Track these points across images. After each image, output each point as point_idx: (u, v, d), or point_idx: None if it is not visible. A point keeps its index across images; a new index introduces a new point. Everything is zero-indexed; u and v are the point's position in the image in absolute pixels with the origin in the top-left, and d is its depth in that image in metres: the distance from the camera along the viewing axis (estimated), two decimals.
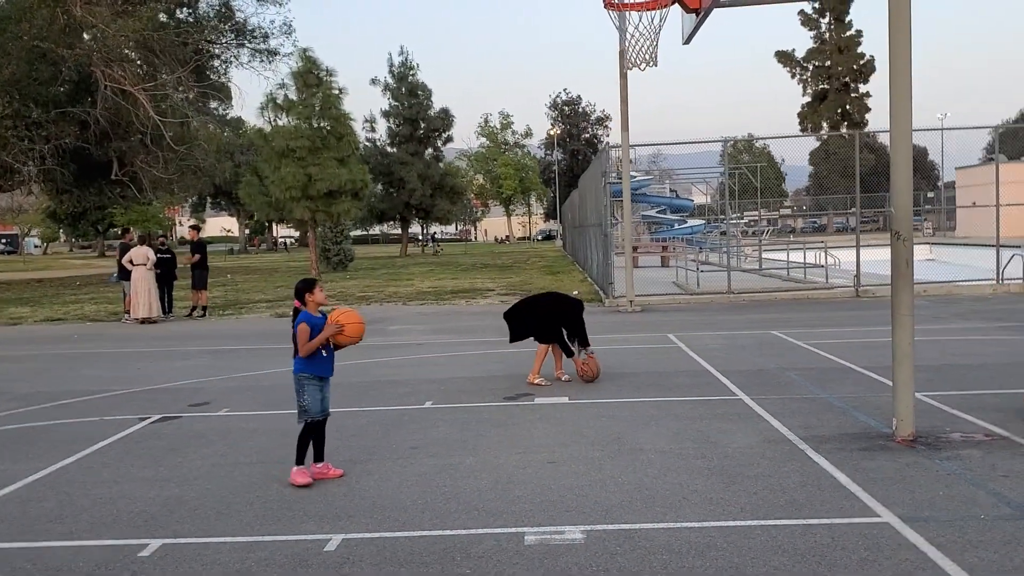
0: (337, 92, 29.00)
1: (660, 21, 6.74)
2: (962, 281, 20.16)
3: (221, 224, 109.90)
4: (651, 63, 6.85)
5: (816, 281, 21.64)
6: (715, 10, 7.39)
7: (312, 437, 6.51)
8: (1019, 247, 30.22)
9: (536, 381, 9.84)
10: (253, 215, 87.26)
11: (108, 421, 8.72)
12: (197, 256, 19.46)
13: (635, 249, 26.01)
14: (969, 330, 13.35)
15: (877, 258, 22.35)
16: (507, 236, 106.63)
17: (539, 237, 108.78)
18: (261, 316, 19.27)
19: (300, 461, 6.40)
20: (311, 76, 28.60)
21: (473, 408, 8.73)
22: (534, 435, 7.54)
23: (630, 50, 6.81)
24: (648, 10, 6.81)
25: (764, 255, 29.95)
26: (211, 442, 7.68)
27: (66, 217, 80.00)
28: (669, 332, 14.08)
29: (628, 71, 6.98)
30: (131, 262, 17.77)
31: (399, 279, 31.30)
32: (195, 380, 11.05)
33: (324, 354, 6.59)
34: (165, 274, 18.70)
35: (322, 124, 28.62)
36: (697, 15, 6.77)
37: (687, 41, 7.39)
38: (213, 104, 44.92)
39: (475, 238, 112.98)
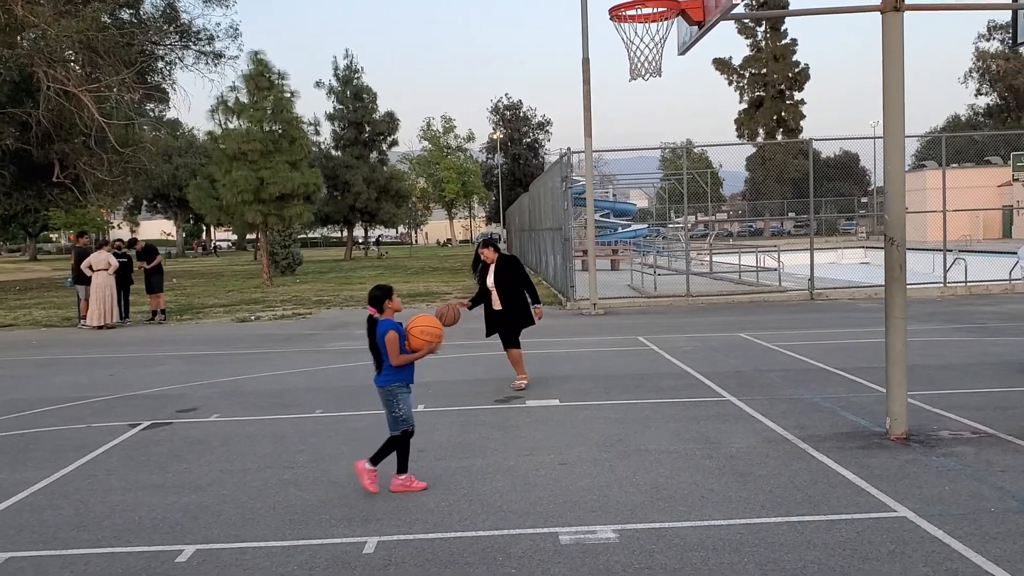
0: (289, 96, 28.78)
1: (664, 33, 6.91)
2: (910, 284, 20.71)
3: (161, 227, 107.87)
4: (655, 74, 7.02)
5: (769, 284, 22.11)
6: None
7: (390, 446, 6.32)
8: (951, 250, 31.26)
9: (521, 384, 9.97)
10: (191, 218, 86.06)
11: (97, 428, 8.62)
12: (147, 263, 19.12)
13: (584, 252, 26.23)
14: (927, 332, 13.81)
15: (821, 261, 22.98)
16: (448, 239, 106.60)
17: (480, 241, 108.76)
18: (221, 321, 19.06)
19: (405, 468, 6.29)
20: (263, 79, 28.34)
21: (468, 411, 8.82)
22: (536, 437, 7.66)
23: (633, 61, 6.96)
24: (651, 22, 6.97)
25: (712, 259, 30.51)
26: (212, 448, 7.65)
27: None
28: (638, 335, 14.31)
29: (631, 81, 7.11)
30: (91, 267, 17.44)
31: (350, 282, 31.16)
32: (175, 386, 10.94)
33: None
34: (122, 278, 18.39)
35: (274, 128, 28.35)
36: (700, 27, 6.95)
37: (682, 52, 7.57)
38: (149, 106, 44.18)
39: (416, 241, 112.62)
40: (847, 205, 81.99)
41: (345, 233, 63.13)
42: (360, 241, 72.75)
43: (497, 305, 9.99)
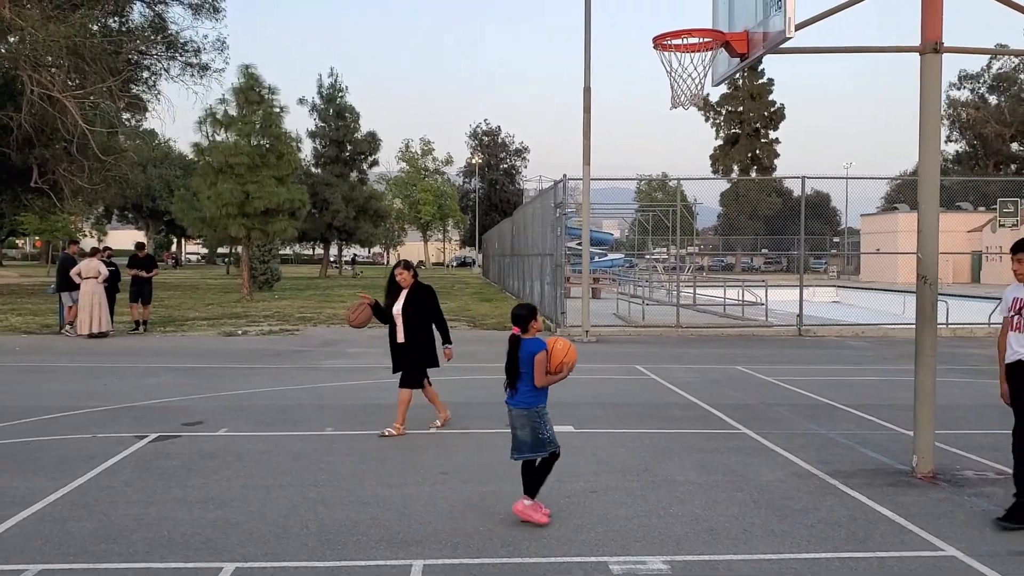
0: (278, 110, 28.62)
1: (707, 63, 6.93)
2: (893, 324, 20.94)
3: (133, 238, 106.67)
4: (696, 102, 7.03)
5: (756, 319, 22.21)
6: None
7: (542, 471, 6.05)
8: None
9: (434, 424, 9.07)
10: (162, 229, 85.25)
11: (104, 439, 8.42)
12: (145, 271, 18.91)
13: (567, 280, 26.21)
14: None
15: (793, 298, 23.13)
16: (421, 261, 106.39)
17: (454, 264, 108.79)
18: (207, 335, 18.79)
19: (534, 494, 5.98)
20: (252, 93, 28.17)
21: (483, 435, 8.71)
22: (560, 464, 7.53)
23: (675, 89, 6.96)
24: (695, 52, 6.99)
25: (686, 290, 30.61)
26: (227, 463, 7.49)
27: None
28: (635, 363, 14.27)
29: (672, 109, 7.11)
30: (79, 275, 17.14)
31: (331, 300, 30.92)
32: (175, 399, 10.73)
33: None
34: (109, 287, 18.09)
35: (262, 142, 28.17)
36: (741, 60, 6.97)
37: (716, 83, 7.60)
38: (126, 115, 43.80)
39: (387, 262, 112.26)
40: (817, 244, 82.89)
41: (320, 251, 62.83)
42: (344, 260, 72.42)
43: (400, 338, 8.82)
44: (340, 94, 56.00)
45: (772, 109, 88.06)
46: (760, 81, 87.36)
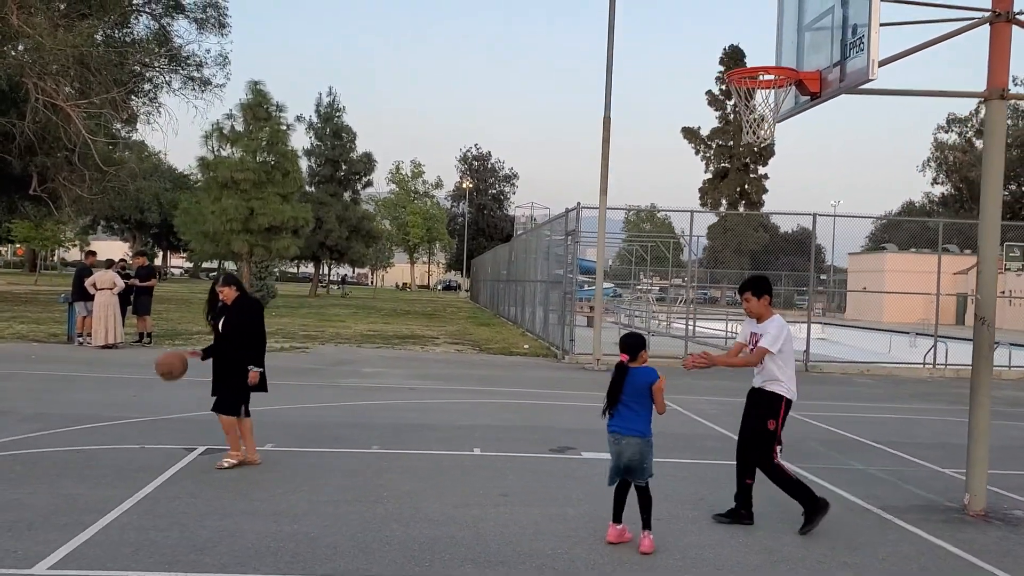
0: (285, 128, 28.71)
1: (781, 100, 7.09)
2: (902, 363, 21.17)
3: (119, 249, 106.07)
4: (767, 138, 7.19)
5: None
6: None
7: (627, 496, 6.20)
8: (908, 332, 32.05)
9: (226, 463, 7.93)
10: (148, 241, 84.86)
11: (153, 450, 8.44)
12: (140, 280, 18.83)
13: (579, 308, 26.35)
14: (935, 411, 14.09)
15: (804, 335, 23.36)
16: (406, 283, 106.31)
17: (439, 287, 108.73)
18: None
19: (649, 525, 6.04)
20: (260, 109, 28.26)
21: (529, 459, 8.77)
22: (611, 490, 7.63)
23: (748, 124, 7.13)
24: (768, 88, 7.15)
25: (695, 323, 30.81)
26: (285, 478, 7.52)
27: None
28: None
29: (743, 144, 7.27)
30: (94, 286, 17.10)
31: (329, 320, 30.87)
32: (209, 412, 10.71)
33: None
34: (122, 298, 18.05)
35: (268, 158, 28.22)
36: (812, 99, 7.14)
37: (780, 119, 7.76)
38: (117, 126, 43.73)
39: (372, 283, 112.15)
40: (803, 280, 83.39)
41: (306, 269, 62.75)
42: (333, 280, 72.33)
43: (223, 355, 8.21)
44: (338, 114, 56.22)
45: (762, 145, 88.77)
46: (751, 116, 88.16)
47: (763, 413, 6.94)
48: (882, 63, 6.53)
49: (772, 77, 7.04)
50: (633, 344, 6.24)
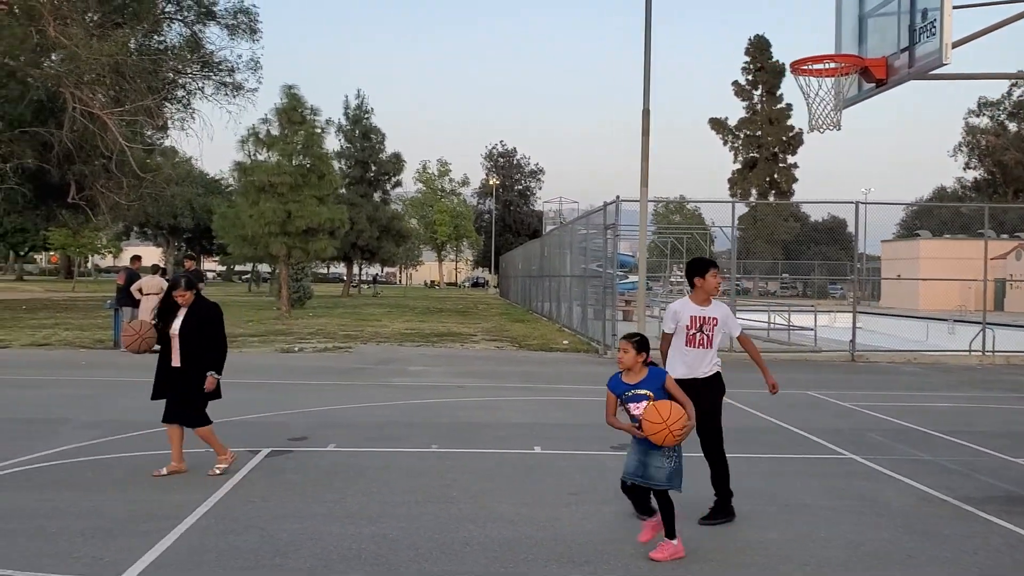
0: (319, 131, 28.81)
1: (847, 89, 6.98)
2: (947, 351, 20.92)
3: (151, 255, 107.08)
4: (834, 126, 7.08)
5: (803, 344, 22.22)
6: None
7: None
8: (946, 320, 31.71)
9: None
10: (181, 246, 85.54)
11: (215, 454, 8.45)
12: (201, 285, 18.98)
13: (626, 303, 26.29)
14: (993, 399, 13.89)
15: (816, 323, 23.18)
16: (435, 281, 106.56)
17: (467, 284, 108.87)
18: (263, 351, 18.87)
19: (673, 534, 5.65)
20: (295, 113, 28.38)
21: (592, 456, 8.72)
22: (683, 487, 7.55)
23: (813, 113, 7.03)
24: (831, 76, 7.05)
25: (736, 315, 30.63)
26: (353, 479, 7.52)
27: None
28: None
29: (809, 133, 7.17)
30: (140, 291, 17.23)
31: (365, 319, 30.96)
32: (266, 414, 10.78)
33: None
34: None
35: (303, 162, 28.34)
36: (878, 86, 7.03)
37: (845, 107, 7.64)
38: (149, 132, 44.13)
39: (400, 281, 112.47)
40: (836, 269, 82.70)
41: (336, 269, 62.89)
42: (363, 280, 72.66)
43: (176, 361, 7.65)
44: (366, 115, 56.42)
45: (791, 134, 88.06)
46: (779, 106, 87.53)
47: (719, 397, 6.78)
48: (954, 45, 6.42)
49: (835, 65, 6.92)
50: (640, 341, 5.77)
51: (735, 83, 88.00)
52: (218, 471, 7.60)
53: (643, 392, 5.56)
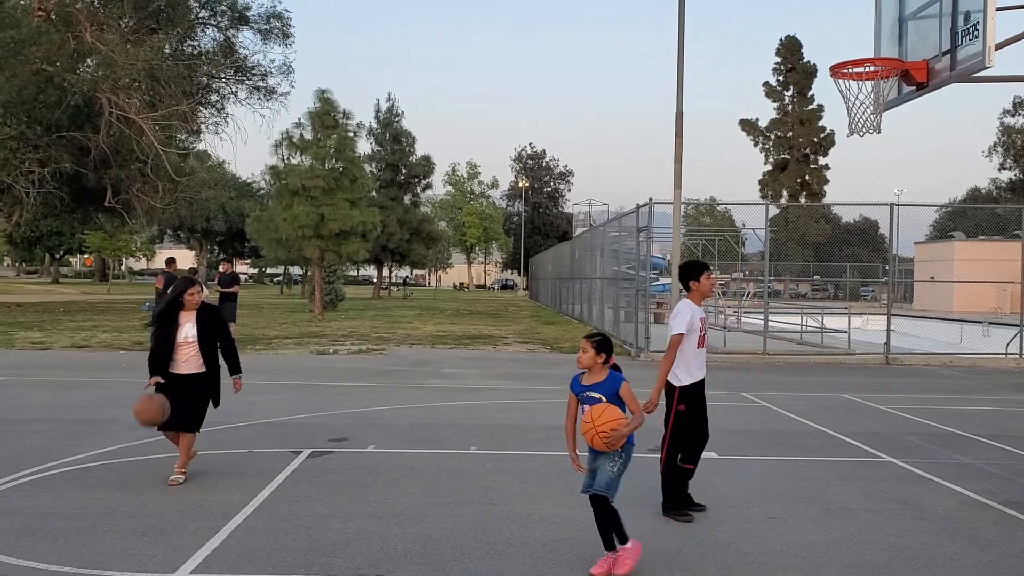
0: (352, 135, 29.04)
1: (887, 93, 6.99)
2: (983, 354, 20.74)
3: (189, 256, 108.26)
4: (874, 130, 7.09)
5: (837, 346, 22.10)
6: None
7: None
8: (980, 322, 31.35)
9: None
10: (213, 249, 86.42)
11: (261, 454, 8.61)
12: (236, 287, 19.28)
13: (659, 305, 26.27)
14: None
15: (844, 325, 23.05)
16: (464, 283, 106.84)
17: (496, 286, 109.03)
18: (299, 353, 19.05)
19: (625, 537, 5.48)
20: (328, 118, 28.62)
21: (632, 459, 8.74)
22: (721, 488, 7.59)
23: (852, 117, 7.04)
24: (871, 79, 7.06)
25: (751, 318, 30.51)
26: (395, 480, 7.61)
27: (22, 241, 78.43)
28: (737, 390, 14.25)
29: (849, 137, 7.18)
30: None
31: (396, 321, 31.14)
32: (305, 415, 10.92)
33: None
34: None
35: (336, 165, 28.58)
36: (918, 89, 7.03)
37: (885, 109, 7.64)
38: (181, 136, 44.62)
39: (430, 283, 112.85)
40: (868, 271, 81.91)
41: (366, 272, 63.23)
42: (394, 282, 73.02)
43: (194, 368, 7.55)
44: (396, 119, 56.77)
45: (822, 135, 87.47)
46: (810, 107, 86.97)
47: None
48: (996, 48, 6.41)
49: (875, 68, 6.93)
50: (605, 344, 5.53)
51: (766, 84, 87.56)
52: (181, 480, 7.39)
53: (596, 395, 5.43)
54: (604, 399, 5.37)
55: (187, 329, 7.51)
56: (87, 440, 9.21)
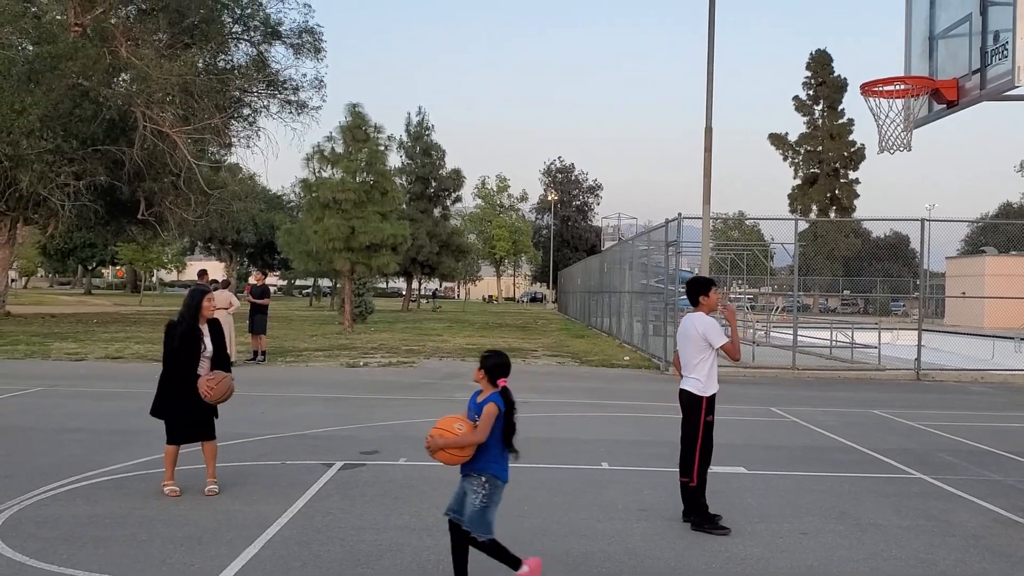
0: (383, 148, 29.30)
1: (917, 111, 7.02)
2: (1017, 371, 20.54)
3: (218, 268, 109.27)
4: (904, 148, 7.13)
5: (867, 362, 21.98)
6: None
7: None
8: (1012, 338, 31.00)
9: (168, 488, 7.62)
10: (243, 261, 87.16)
11: (294, 466, 8.73)
12: (267, 299, 19.50)
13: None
14: None
15: (875, 340, 22.91)
16: (493, 296, 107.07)
17: (525, 299, 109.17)
18: (329, 365, 19.22)
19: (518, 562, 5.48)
20: (359, 131, 28.90)
21: (660, 473, 8.76)
22: (752, 504, 7.62)
23: (882, 134, 7.08)
24: (901, 97, 7.09)
25: (780, 332, 30.37)
26: (426, 493, 7.71)
27: (55, 253, 79.55)
28: (766, 405, 14.23)
29: (879, 154, 7.21)
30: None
31: (426, 334, 31.28)
32: (337, 428, 11.04)
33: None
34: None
35: (367, 178, 28.84)
36: (949, 107, 7.05)
37: (915, 127, 7.67)
38: (212, 149, 45.11)
39: (458, 296, 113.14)
40: (898, 286, 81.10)
41: (395, 284, 63.60)
42: (423, 295, 73.35)
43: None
44: (427, 132, 57.15)
45: (852, 149, 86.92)
46: (840, 121, 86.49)
47: None
48: None
49: (906, 87, 6.97)
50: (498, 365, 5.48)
51: (796, 98, 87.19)
52: (217, 490, 7.55)
53: (473, 413, 5.45)
54: (476, 417, 5.35)
55: (208, 343, 7.67)
56: (124, 450, 9.39)
